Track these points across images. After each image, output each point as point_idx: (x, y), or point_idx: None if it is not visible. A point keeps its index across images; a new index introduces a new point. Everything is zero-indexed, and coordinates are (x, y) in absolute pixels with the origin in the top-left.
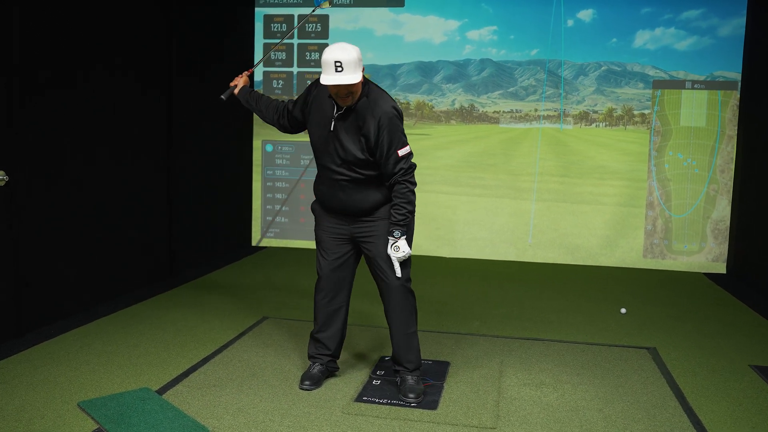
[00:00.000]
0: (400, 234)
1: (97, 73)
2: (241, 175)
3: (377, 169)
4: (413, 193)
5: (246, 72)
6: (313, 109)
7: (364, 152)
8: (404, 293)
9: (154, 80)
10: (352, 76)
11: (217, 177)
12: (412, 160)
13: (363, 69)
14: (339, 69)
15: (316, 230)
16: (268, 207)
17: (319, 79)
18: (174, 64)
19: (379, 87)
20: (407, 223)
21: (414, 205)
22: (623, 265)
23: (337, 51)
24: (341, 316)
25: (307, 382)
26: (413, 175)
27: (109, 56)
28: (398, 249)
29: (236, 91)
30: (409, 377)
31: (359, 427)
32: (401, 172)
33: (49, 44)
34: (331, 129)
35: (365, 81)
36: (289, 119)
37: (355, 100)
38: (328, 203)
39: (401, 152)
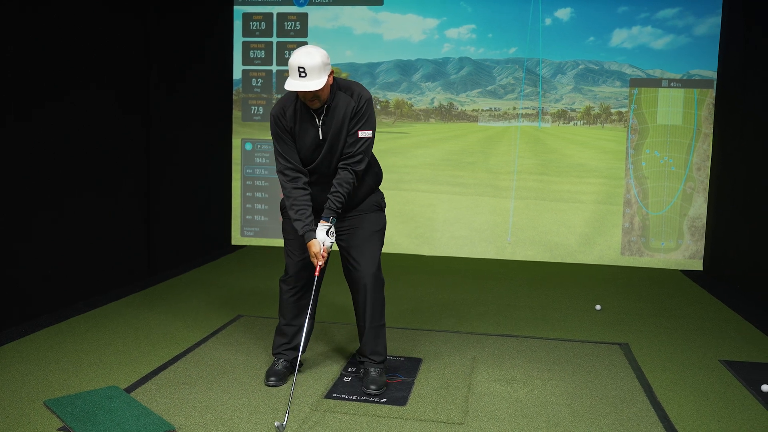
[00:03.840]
0: (335, 220)
1: (75, 75)
2: (221, 174)
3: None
4: (354, 186)
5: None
6: (297, 131)
7: None
8: (377, 284)
9: (133, 81)
10: (315, 82)
11: (196, 176)
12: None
13: (331, 72)
14: (303, 75)
15: (285, 226)
16: (247, 206)
17: (283, 107)
18: (153, 65)
19: (347, 80)
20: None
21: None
22: (601, 263)
23: (301, 56)
24: (309, 312)
25: (272, 378)
26: (362, 171)
27: (87, 60)
28: (333, 234)
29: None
30: (372, 369)
31: (327, 424)
32: (359, 157)
33: (30, 49)
34: (321, 138)
35: (334, 79)
36: (297, 165)
37: (322, 102)
38: (317, 204)
39: (366, 134)
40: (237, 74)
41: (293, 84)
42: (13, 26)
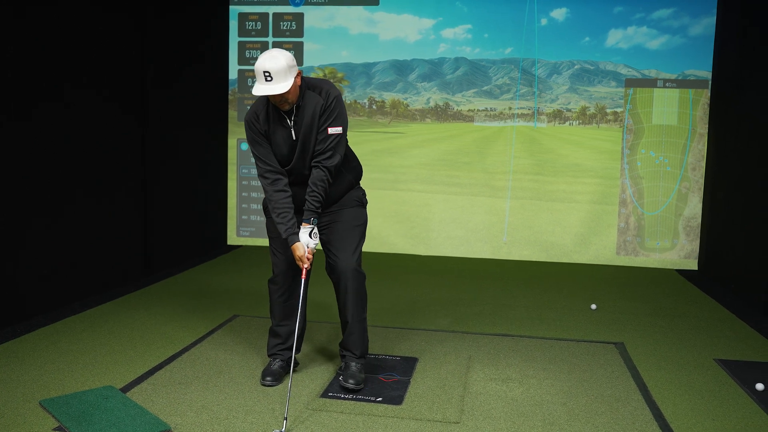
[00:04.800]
0: (316, 221)
1: (73, 76)
2: (217, 174)
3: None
4: (329, 183)
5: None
6: (270, 134)
7: None
8: (358, 278)
9: (130, 81)
10: (281, 85)
11: (192, 176)
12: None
13: (299, 73)
14: (268, 78)
15: (268, 226)
16: (243, 206)
17: (256, 112)
18: (150, 65)
19: (316, 79)
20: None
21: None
22: (597, 263)
23: (266, 60)
24: (300, 311)
25: (268, 378)
26: (335, 167)
27: (85, 60)
28: (316, 236)
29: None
30: (353, 364)
31: (323, 423)
32: (329, 153)
33: (29, 49)
34: (294, 138)
35: (302, 79)
36: (276, 167)
37: (292, 103)
38: (298, 203)
39: (335, 130)
40: (233, 74)
41: (260, 89)
42: (12, 26)
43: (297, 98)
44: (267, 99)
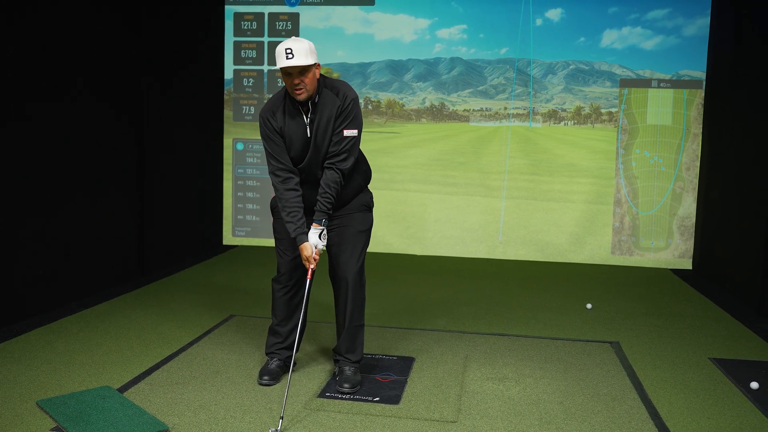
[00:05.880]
0: (327, 222)
1: (71, 77)
2: (213, 174)
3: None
4: (342, 186)
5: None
6: (286, 132)
7: None
8: (359, 283)
9: (126, 82)
10: (303, 60)
11: (188, 176)
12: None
13: (318, 65)
14: (290, 56)
15: (275, 226)
16: (239, 206)
17: (272, 108)
18: (146, 65)
19: (334, 79)
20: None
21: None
22: (592, 262)
23: (288, 41)
24: (301, 311)
25: (266, 378)
26: (348, 169)
27: (84, 61)
28: (325, 237)
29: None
30: (347, 368)
31: (321, 423)
32: (344, 155)
33: (27, 50)
34: (309, 135)
35: (321, 76)
36: (289, 165)
37: (309, 92)
38: (307, 203)
39: (351, 132)
40: (228, 74)
41: (281, 62)
42: (12, 27)
43: (314, 90)
44: (284, 96)
